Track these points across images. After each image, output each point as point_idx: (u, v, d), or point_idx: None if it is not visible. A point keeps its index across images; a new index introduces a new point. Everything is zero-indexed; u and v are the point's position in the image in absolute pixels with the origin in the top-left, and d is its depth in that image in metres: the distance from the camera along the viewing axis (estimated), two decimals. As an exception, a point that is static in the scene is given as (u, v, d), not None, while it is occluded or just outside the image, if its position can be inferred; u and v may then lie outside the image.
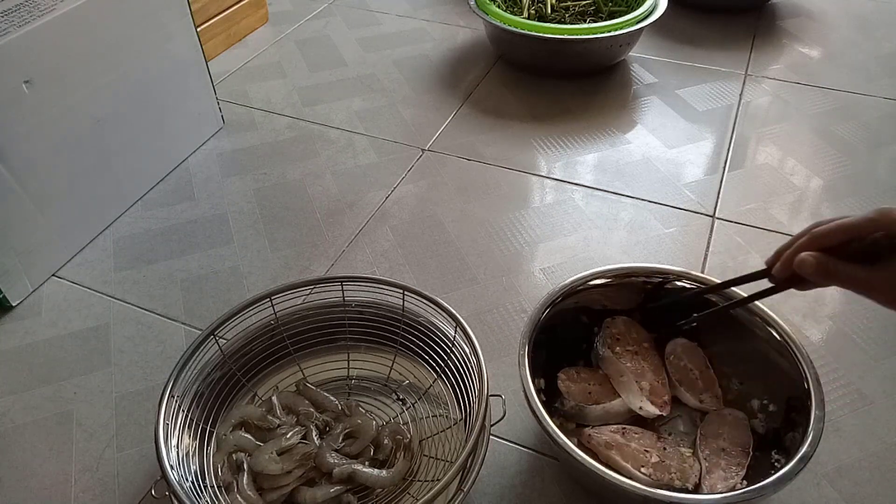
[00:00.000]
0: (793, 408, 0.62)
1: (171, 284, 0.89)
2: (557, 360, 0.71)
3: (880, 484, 0.66)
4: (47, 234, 0.88)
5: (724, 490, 0.59)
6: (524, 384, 0.60)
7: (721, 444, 0.64)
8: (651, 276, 0.71)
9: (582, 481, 0.66)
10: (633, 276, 0.71)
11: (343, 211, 0.99)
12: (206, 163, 1.09)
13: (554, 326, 0.69)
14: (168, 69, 1.01)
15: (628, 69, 1.30)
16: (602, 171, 1.06)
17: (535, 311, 0.67)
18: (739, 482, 0.61)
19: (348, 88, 1.27)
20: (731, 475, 0.61)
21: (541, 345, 0.66)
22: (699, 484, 0.61)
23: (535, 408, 0.58)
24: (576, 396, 0.68)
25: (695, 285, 0.70)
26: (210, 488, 0.60)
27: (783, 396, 0.64)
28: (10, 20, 0.76)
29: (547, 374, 0.70)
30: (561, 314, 0.69)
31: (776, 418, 0.65)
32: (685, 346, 0.71)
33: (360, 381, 0.73)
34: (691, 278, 0.70)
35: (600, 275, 0.71)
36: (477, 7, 1.26)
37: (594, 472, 0.54)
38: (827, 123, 1.14)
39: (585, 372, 0.71)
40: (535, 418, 0.58)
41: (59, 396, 0.76)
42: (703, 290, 0.68)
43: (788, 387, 0.63)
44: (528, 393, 0.60)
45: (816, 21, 1.45)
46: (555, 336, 0.69)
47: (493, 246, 0.93)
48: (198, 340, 0.65)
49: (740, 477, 0.61)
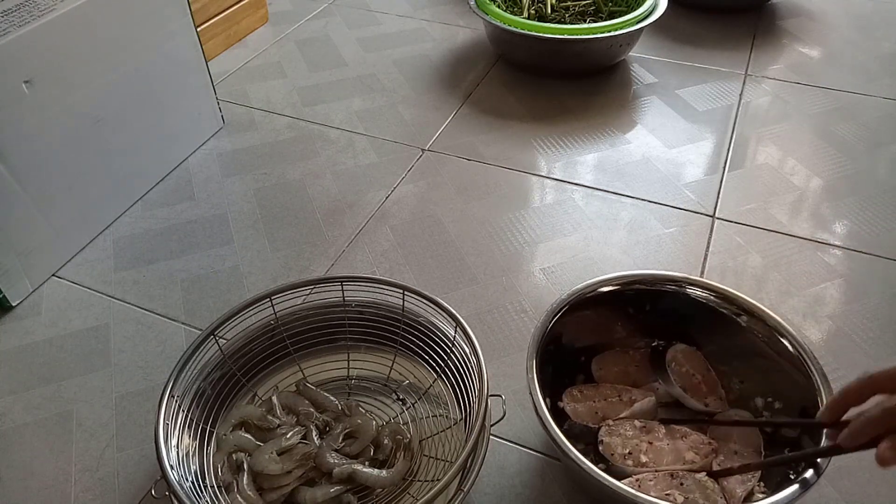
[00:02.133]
0: (808, 415, 0.61)
1: (171, 284, 0.89)
2: (560, 374, 0.70)
3: (880, 484, 0.66)
4: (47, 234, 0.88)
5: (742, 494, 0.59)
6: (535, 401, 0.59)
7: (733, 446, 0.64)
8: (655, 283, 0.70)
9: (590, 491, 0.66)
10: (639, 284, 0.70)
11: (343, 211, 0.99)
12: (206, 163, 1.09)
13: (558, 336, 0.68)
14: (168, 69, 1.01)
15: (628, 69, 1.30)
16: (602, 171, 1.06)
17: (540, 324, 0.65)
18: (756, 484, 0.60)
19: (348, 88, 1.27)
20: (747, 477, 0.61)
21: (545, 360, 0.65)
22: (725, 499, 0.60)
23: (550, 429, 0.57)
24: (584, 417, 0.67)
25: (700, 291, 0.69)
26: (210, 488, 0.60)
27: (792, 400, 0.63)
28: (10, 20, 0.76)
29: (551, 391, 0.69)
30: (563, 326, 0.68)
31: (783, 416, 0.65)
32: (685, 351, 0.71)
33: (360, 381, 0.73)
34: (699, 285, 0.69)
35: (606, 282, 0.69)
36: (477, 7, 1.26)
37: (610, 487, 0.53)
38: (827, 123, 1.14)
39: (588, 389, 0.70)
40: (548, 434, 0.57)
41: (59, 396, 0.76)
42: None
43: (800, 394, 0.62)
44: (540, 411, 0.58)
45: (816, 21, 1.45)
46: (558, 349, 0.69)
47: (493, 246, 0.93)
48: (198, 340, 0.65)
49: (756, 479, 0.61)
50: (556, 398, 0.69)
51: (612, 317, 0.73)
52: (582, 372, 0.72)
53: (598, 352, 0.73)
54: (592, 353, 0.73)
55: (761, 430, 0.65)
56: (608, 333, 0.73)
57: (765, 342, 0.66)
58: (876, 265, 0.89)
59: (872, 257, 0.89)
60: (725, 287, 0.68)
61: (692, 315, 0.70)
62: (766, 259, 0.90)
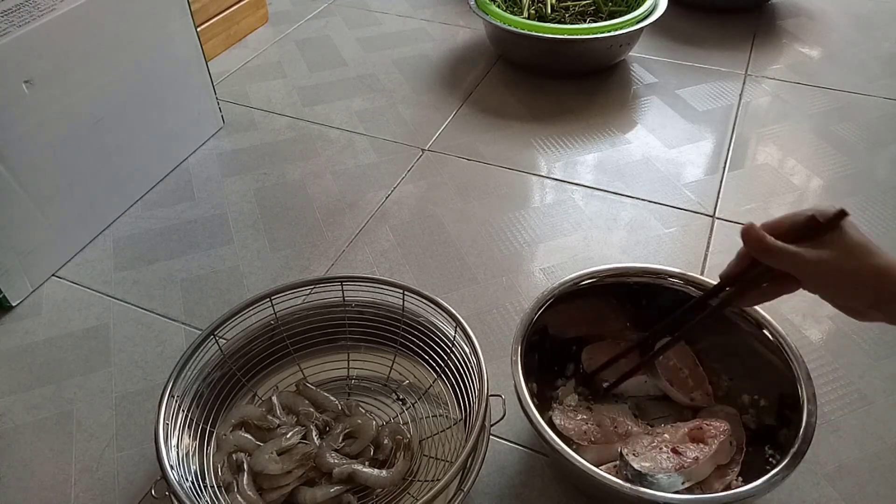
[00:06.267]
0: (786, 405, 0.62)
1: (171, 284, 0.89)
2: (548, 362, 0.72)
3: (880, 484, 0.66)
4: (47, 234, 0.88)
5: (720, 488, 0.59)
6: (517, 387, 0.60)
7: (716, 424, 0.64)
8: (641, 275, 0.71)
9: (579, 485, 0.66)
10: (623, 276, 0.71)
11: (343, 211, 0.99)
12: (206, 163, 1.09)
13: (545, 327, 0.69)
14: (168, 69, 1.01)
15: (628, 69, 1.30)
16: (602, 171, 1.06)
17: (526, 313, 0.67)
18: (735, 479, 0.61)
19: (348, 88, 1.27)
20: (725, 472, 0.61)
21: (533, 347, 0.67)
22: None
23: (528, 409, 0.58)
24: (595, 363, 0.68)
25: (689, 286, 0.70)
26: (210, 488, 0.60)
27: (774, 392, 0.65)
28: (10, 20, 0.76)
29: (539, 378, 0.70)
30: (551, 316, 0.69)
31: (767, 413, 0.65)
32: None
33: (360, 381, 0.73)
34: (685, 279, 0.70)
35: (589, 275, 0.70)
36: (477, 7, 1.26)
37: (589, 473, 0.54)
38: (827, 123, 1.14)
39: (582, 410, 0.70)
40: (528, 419, 0.58)
41: (59, 396, 0.76)
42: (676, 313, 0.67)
43: (780, 383, 0.63)
44: (521, 395, 0.59)
45: (816, 21, 1.45)
46: (545, 339, 0.69)
47: (493, 246, 0.93)
48: (198, 340, 0.65)
49: (735, 473, 0.61)
50: (544, 385, 0.70)
51: (604, 309, 0.73)
52: (573, 361, 0.74)
53: (590, 342, 0.74)
54: (585, 343, 0.74)
55: (745, 424, 0.66)
56: (601, 326, 0.74)
57: (756, 340, 0.66)
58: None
59: (872, 257, 0.89)
60: (708, 280, 0.69)
61: (686, 311, 0.70)
62: (766, 259, 0.90)
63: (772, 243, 0.50)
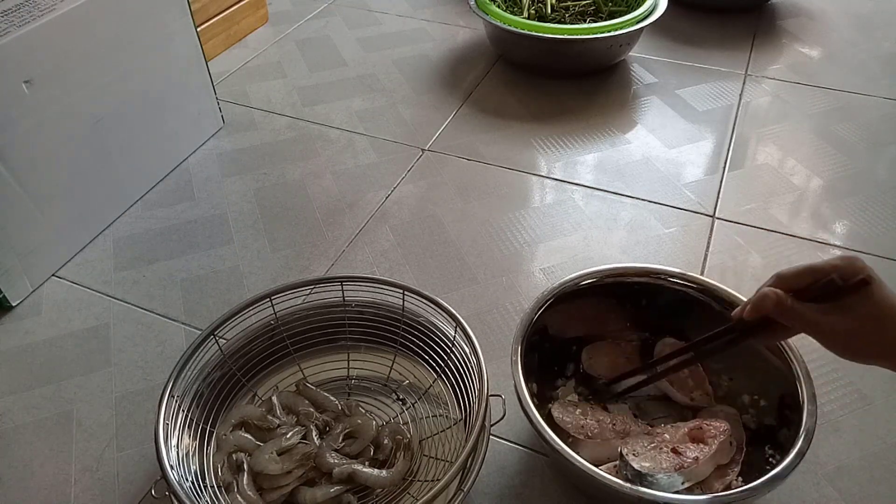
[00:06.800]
0: (786, 405, 0.62)
1: (171, 284, 0.89)
2: (548, 362, 0.72)
3: (880, 484, 0.66)
4: (47, 234, 0.88)
5: (720, 488, 0.59)
6: (517, 387, 0.60)
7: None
8: (641, 275, 0.71)
9: (579, 485, 0.66)
10: (623, 276, 0.71)
11: (343, 211, 0.99)
12: (205, 163, 1.09)
13: (545, 327, 0.69)
14: (168, 69, 1.01)
15: (628, 69, 1.30)
16: (602, 171, 1.06)
17: (526, 313, 0.67)
18: (735, 479, 0.61)
19: (348, 88, 1.27)
20: (725, 472, 0.61)
21: (533, 347, 0.67)
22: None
23: (528, 409, 0.58)
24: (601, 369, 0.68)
25: (689, 284, 0.70)
26: (210, 488, 0.60)
27: (774, 392, 0.65)
28: (10, 20, 0.76)
29: (539, 378, 0.70)
30: (551, 316, 0.69)
31: (767, 413, 0.65)
32: (673, 345, 0.71)
33: (360, 381, 0.73)
34: (685, 279, 0.70)
35: (589, 275, 0.70)
36: (477, 7, 1.26)
37: (589, 473, 0.54)
38: (827, 123, 1.14)
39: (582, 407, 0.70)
40: (528, 418, 0.58)
41: (59, 396, 0.76)
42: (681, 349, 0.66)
43: (780, 383, 0.63)
44: (521, 395, 0.59)
45: (816, 21, 1.45)
46: (545, 339, 0.69)
47: (493, 246, 0.93)
48: (198, 340, 0.65)
49: (735, 473, 0.61)
50: (544, 385, 0.70)
51: (604, 309, 0.73)
52: (573, 361, 0.74)
53: (590, 342, 0.74)
54: (585, 343, 0.74)
55: (745, 424, 0.66)
56: (601, 326, 0.74)
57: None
58: (876, 265, 0.87)
59: (872, 257, 0.89)
60: (708, 280, 0.69)
61: (686, 311, 0.71)
62: (766, 259, 0.90)
63: (791, 306, 0.49)
